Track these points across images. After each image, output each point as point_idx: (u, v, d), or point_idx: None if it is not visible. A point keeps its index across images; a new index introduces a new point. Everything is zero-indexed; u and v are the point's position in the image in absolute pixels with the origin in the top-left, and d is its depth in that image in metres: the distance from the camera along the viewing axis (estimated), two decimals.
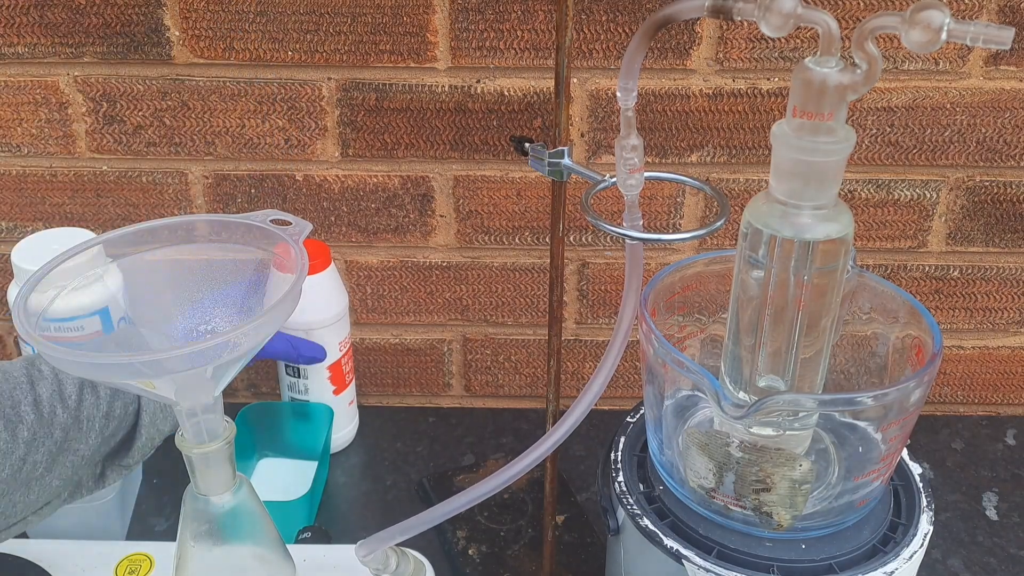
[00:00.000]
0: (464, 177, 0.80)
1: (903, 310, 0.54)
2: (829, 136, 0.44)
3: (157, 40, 0.74)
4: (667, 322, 0.57)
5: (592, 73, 0.74)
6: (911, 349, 0.54)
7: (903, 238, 0.81)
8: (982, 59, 0.73)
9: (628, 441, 0.59)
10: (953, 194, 0.78)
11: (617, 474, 0.56)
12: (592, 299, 0.85)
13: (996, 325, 0.85)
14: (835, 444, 0.55)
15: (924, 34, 0.39)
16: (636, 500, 0.54)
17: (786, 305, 0.49)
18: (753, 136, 0.76)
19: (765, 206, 0.48)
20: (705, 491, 0.52)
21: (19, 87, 0.75)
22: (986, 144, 0.76)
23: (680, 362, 0.50)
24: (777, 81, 0.74)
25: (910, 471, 0.56)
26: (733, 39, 0.72)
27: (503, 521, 0.78)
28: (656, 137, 0.77)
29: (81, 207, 0.81)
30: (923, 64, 0.73)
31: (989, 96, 0.74)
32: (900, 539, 0.52)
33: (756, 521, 0.51)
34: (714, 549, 0.51)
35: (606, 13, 0.72)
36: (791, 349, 0.50)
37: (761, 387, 0.52)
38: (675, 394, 0.56)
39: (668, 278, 0.57)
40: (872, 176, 0.78)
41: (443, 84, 0.76)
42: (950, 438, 0.86)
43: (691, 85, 0.74)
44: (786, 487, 0.50)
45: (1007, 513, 0.78)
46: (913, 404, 0.49)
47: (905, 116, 0.75)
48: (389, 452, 0.86)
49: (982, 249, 0.81)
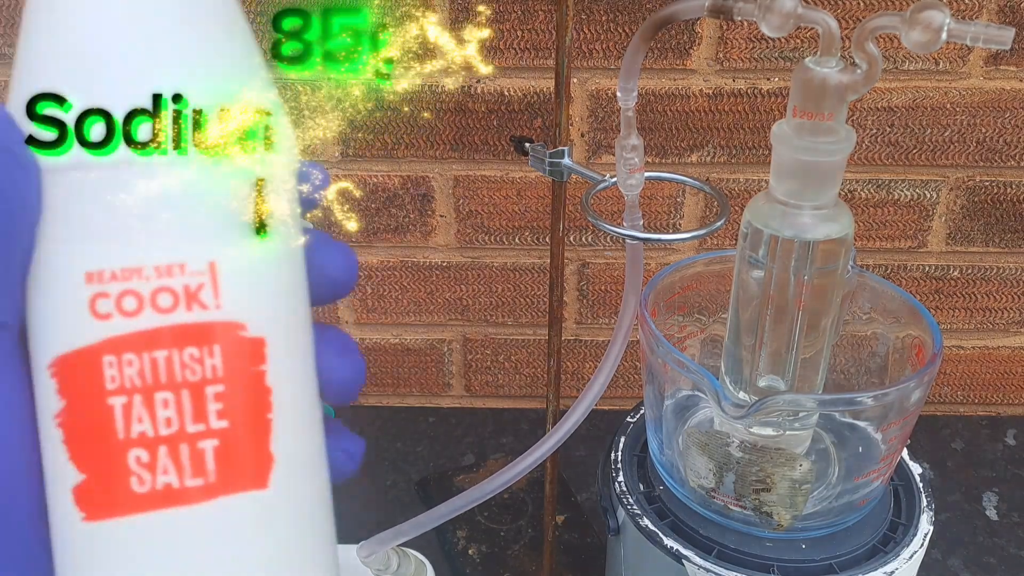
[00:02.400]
0: (464, 177, 0.80)
1: (903, 310, 0.54)
2: (829, 136, 0.44)
3: None
4: (667, 322, 0.57)
5: (592, 73, 0.74)
6: (911, 349, 0.54)
7: (903, 238, 0.80)
8: (982, 59, 0.73)
9: (628, 441, 0.59)
10: (953, 194, 0.78)
11: (617, 474, 0.56)
12: (592, 299, 0.85)
13: (996, 325, 0.85)
14: (835, 444, 0.55)
15: (924, 34, 0.39)
16: (636, 500, 0.54)
17: (786, 305, 0.49)
18: (753, 136, 0.76)
19: (765, 206, 0.48)
20: (705, 491, 0.52)
21: None
22: (986, 144, 0.76)
23: (680, 362, 0.50)
24: (777, 81, 0.74)
25: (910, 471, 0.56)
26: (733, 39, 0.72)
27: (503, 521, 0.78)
28: (656, 137, 0.77)
29: None
30: (923, 64, 0.73)
31: (989, 96, 0.74)
32: (900, 539, 0.52)
33: (756, 521, 0.51)
34: (714, 549, 0.51)
35: (606, 13, 0.72)
36: (791, 349, 0.50)
37: (761, 387, 0.52)
38: (675, 394, 0.56)
39: (668, 278, 0.57)
40: (872, 176, 0.78)
41: (443, 84, 0.76)
42: (950, 438, 0.86)
43: (691, 85, 0.74)
44: (786, 487, 0.50)
45: (1007, 513, 0.78)
46: (913, 404, 0.49)
47: (905, 116, 0.75)
48: (389, 452, 0.86)
49: (982, 249, 0.81)
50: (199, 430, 0.25)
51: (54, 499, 0.25)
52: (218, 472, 0.25)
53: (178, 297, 0.24)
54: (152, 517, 0.24)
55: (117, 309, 0.24)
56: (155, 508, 0.24)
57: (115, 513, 0.24)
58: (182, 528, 0.25)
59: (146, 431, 0.24)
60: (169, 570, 0.25)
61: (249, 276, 0.26)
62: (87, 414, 0.24)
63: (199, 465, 0.25)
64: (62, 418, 0.24)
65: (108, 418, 0.24)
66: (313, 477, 0.27)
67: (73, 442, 0.24)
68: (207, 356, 0.25)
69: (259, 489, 0.25)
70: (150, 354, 0.24)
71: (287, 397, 0.26)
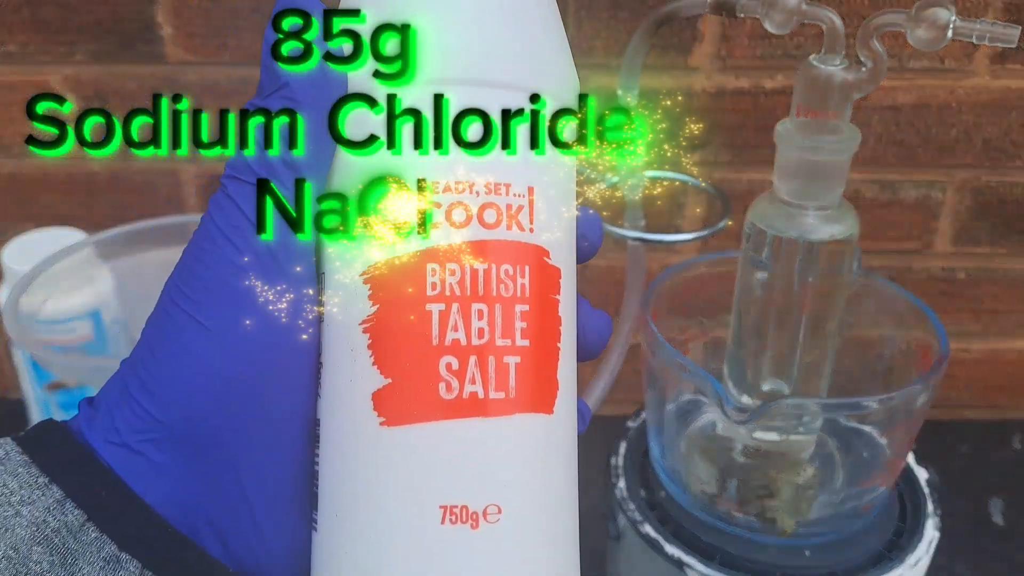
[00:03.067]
0: None
1: (909, 312, 0.54)
2: (834, 135, 0.44)
3: (149, 38, 0.73)
4: (669, 325, 0.56)
5: (593, 71, 0.74)
6: (917, 352, 0.53)
7: (909, 239, 0.80)
8: (988, 57, 0.72)
9: (629, 446, 0.58)
10: (959, 194, 0.77)
11: (618, 480, 0.55)
12: (593, 301, 0.84)
13: (1003, 328, 0.84)
14: (840, 449, 0.55)
15: (930, 32, 0.39)
16: (637, 506, 0.53)
17: (790, 307, 0.48)
18: (757, 135, 0.75)
19: (769, 206, 0.47)
20: (708, 497, 0.51)
21: (10, 86, 0.75)
22: (992, 144, 0.75)
23: (682, 366, 0.49)
24: (781, 79, 0.73)
25: (916, 476, 0.56)
26: (736, 36, 0.72)
27: None
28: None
29: (72, 207, 0.80)
30: (928, 62, 0.72)
31: (995, 95, 0.73)
32: (906, 545, 0.51)
33: (760, 527, 0.50)
34: (717, 556, 0.50)
35: (607, 10, 0.71)
36: (795, 352, 0.50)
37: (765, 391, 0.51)
38: (677, 398, 0.55)
39: (670, 280, 0.56)
40: (877, 176, 0.77)
41: None
42: (956, 442, 0.85)
43: (693, 83, 0.73)
44: (790, 493, 0.50)
45: (1014, 519, 0.77)
46: (919, 408, 0.49)
47: (910, 115, 0.74)
48: None
49: (989, 250, 0.80)
50: (506, 345, 0.25)
51: (347, 404, 0.25)
52: (518, 388, 0.25)
53: (502, 215, 0.25)
54: (454, 425, 0.25)
55: (447, 219, 0.25)
56: (459, 416, 0.25)
57: (418, 419, 0.25)
58: (481, 439, 0.25)
59: (460, 339, 0.25)
60: (462, 481, 0.25)
61: (556, 207, 0.27)
62: (402, 319, 0.25)
63: (503, 379, 0.25)
64: (371, 323, 0.25)
65: (425, 324, 0.24)
66: (574, 413, 0.28)
67: (381, 347, 0.25)
68: (519, 275, 0.26)
69: (547, 413, 0.26)
70: (472, 265, 0.25)
71: (568, 330, 0.27)
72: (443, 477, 0.25)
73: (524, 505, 0.26)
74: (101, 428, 0.25)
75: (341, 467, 0.25)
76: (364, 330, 0.25)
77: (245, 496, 0.26)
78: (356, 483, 0.25)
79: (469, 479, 0.25)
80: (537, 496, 0.26)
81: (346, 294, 0.25)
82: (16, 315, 0.60)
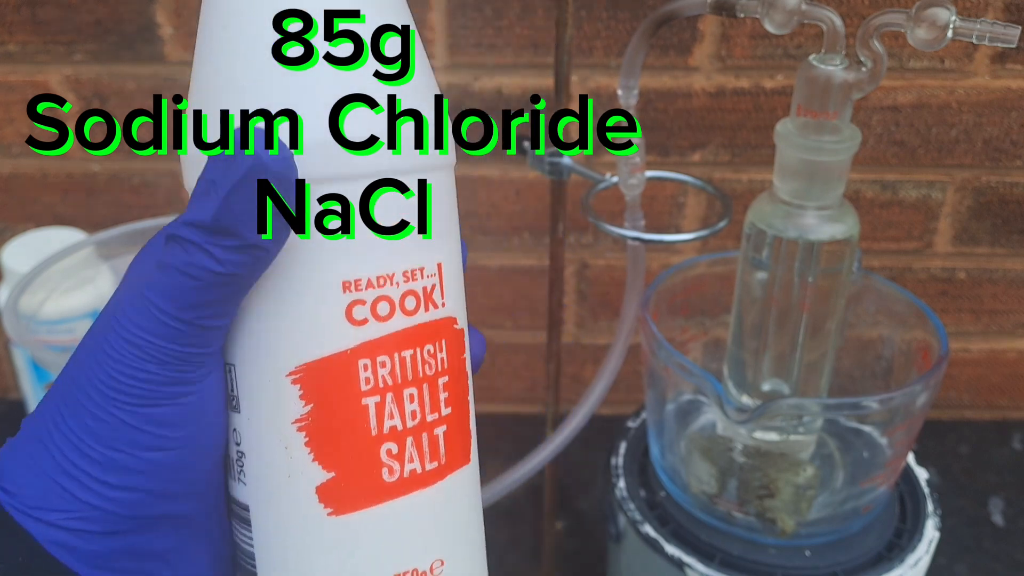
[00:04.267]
0: (462, 177, 0.79)
1: (909, 313, 0.54)
2: (834, 135, 0.44)
3: (149, 37, 0.73)
4: (669, 325, 0.56)
5: (593, 71, 0.73)
6: (917, 352, 0.53)
7: (909, 239, 0.80)
8: (988, 57, 0.72)
9: (629, 446, 0.58)
10: (959, 194, 0.77)
11: (618, 480, 0.55)
12: (592, 301, 0.84)
13: (1003, 328, 0.84)
14: (840, 449, 0.55)
15: (930, 32, 0.39)
16: (637, 506, 0.53)
17: (790, 307, 0.48)
18: (757, 135, 0.75)
19: (769, 206, 0.47)
20: (708, 497, 0.51)
21: (10, 86, 0.75)
22: (992, 143, 0.75)
23: (682, 366, 0.49)
24: (781, 79, 0.73)
25: (916, 476, 0.56)
26: (736, 36, 0.72)
27: (501, 528, 0.77)
28: (657, 136, 0.76)
29: (72, 208, 0.80)
30: (928, 62, 0.72)
31: (995, 95, 0.73)
32: (906, 545, 0.51)
33: (760, 527, 0.50)
34: (717, 556, 0.50)
35: (607, 10, 0.71)
36: (795, 352, 0.49)
37: (765, 391, 0.51)
38: (677, 398, 0.55)
39: (670, 280, 0.56)
40: (877, 176, 0.77)
41: (441, 81, 0.75)
42: (956, 442, 0.85)
43: (693, 83, 0.73)
44: (790, 493, 0.49)
45: (1014, 519, 0.77)
46: (919, 408, 0.49)
47: (911, 115, 0.74)
48: None
49: (989, 251, 0.80)
50: (435, 418, 0.27)
51: (288, 497, 0.26)
52: (447, 453, 0.27)
53: (419, 299, 0.27)
54: (398, 503, 0.26)
55: (372, 314, 0.26)
56: (401, 495, 0.26)
57: (364, 504, 0.26)
58: (422, 508, 0.27)
59: (396, 426, 0.26)
60: (409, 549, 0.27)
61: (456, 267, 0.28)
62: (339, 416, 0.25)
63: (435, 450, 0.27)
64: (306, 421, 0.25)
65: (362, 418, 0.26)
66: (475, 438, 0.30)
67: (319, 444, 0.26)
68: (438, 350, 0.27)
69: (467, 464, 0.29)
70: (399, 354, 0.26)
71: (470, 379, 0.29)
72: (393, 549, 0.27)
73: (461, 550, 0.28)
74: (26, 502, 0.25)
75: (285, 554, 0.26)
76: (299, 428, 0.25)
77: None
78: (306, 568, 0.26)
79: (415, 545, 0.27)
80: (470, 536, 0.29)
81: (274, 394, 0.25)
82: (16, 315, 0.60)
